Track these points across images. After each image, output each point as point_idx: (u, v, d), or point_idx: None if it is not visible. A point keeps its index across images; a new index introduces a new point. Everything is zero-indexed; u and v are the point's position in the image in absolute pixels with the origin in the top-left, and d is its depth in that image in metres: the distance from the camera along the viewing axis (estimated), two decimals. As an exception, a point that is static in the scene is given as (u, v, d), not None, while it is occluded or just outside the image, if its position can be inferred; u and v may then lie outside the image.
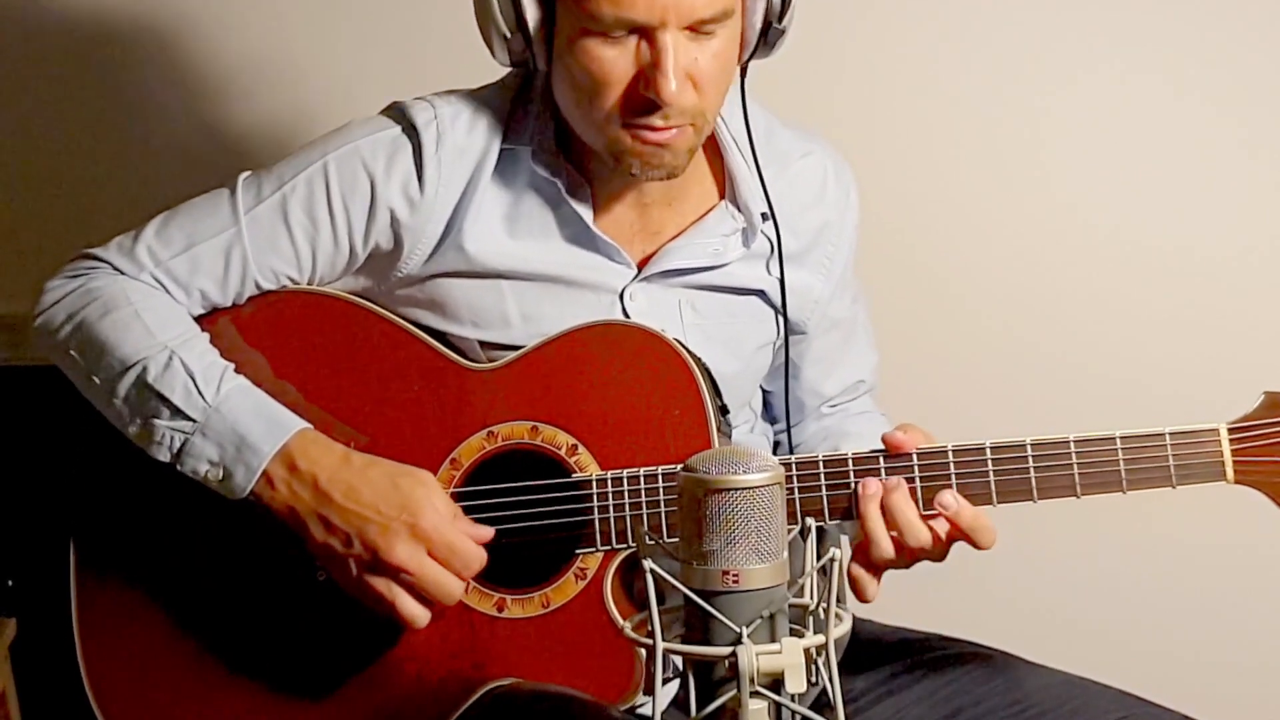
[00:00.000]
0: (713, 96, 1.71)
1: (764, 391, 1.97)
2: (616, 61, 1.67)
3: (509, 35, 1.71)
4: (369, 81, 2.35)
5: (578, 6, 1.66)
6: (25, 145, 2.44)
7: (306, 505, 1.70)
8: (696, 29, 1.67)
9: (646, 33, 1.66)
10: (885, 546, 1.69)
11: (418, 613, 1.70)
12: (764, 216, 1.83)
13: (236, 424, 1.71)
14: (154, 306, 1.77)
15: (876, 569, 1.71)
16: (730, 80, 1.75)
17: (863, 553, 1.70)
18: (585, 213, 1.79)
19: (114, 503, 1.81)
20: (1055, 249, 2.47)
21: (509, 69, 1.79)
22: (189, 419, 1.71)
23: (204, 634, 1.78)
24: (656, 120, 1.69)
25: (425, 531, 1.68)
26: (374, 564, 1.69)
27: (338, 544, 1.69)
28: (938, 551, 1.70)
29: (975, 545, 1.70)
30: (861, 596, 1.71)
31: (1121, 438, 1.68)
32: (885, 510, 1.69)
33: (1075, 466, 1.68)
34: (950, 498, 1.69)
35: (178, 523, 1.79)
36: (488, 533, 1.72)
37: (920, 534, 1.68)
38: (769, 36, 1.74)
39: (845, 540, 1.81)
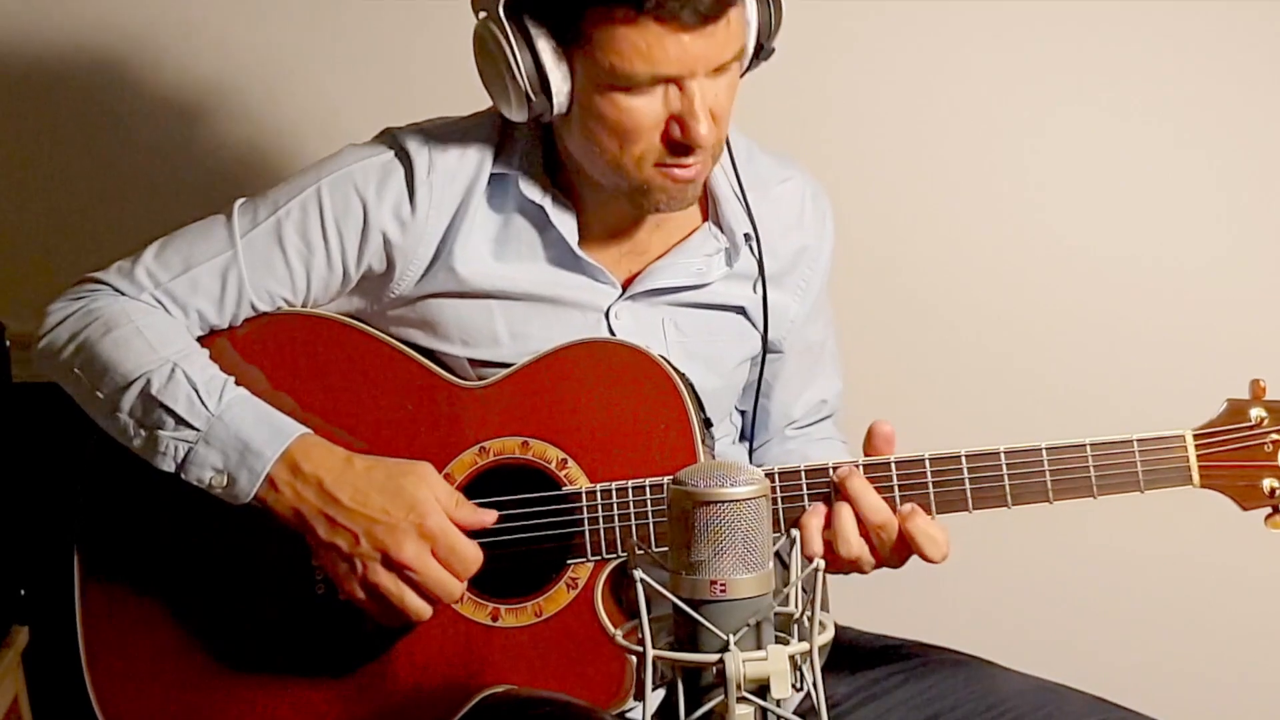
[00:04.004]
0: (726, 125, 1.75)
1: (740, 412, 2.00)
2: (646, 110, 1.69)
3: (533, 97, 1.71)
4: (361, 108, 2.37)
5: (607, 65, 1.66)
6: (34, 172, 2.45)
7: (312, 506, 1.72)
8: (718, 70, 1.69)
9: (674, 80, 1.68)
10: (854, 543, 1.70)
11: (423, 607, 1.72)
12: (746, 237, 1.86)
13: (239, 431, 1.73)
14: (154, 324, 1.80)
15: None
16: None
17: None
18: (570, 236, 1.82)
19: (119, 514, 1.84)
20: (1025, 263, 2.49)
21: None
22: (193, 428, 1.73)
23: (204, 644, 1.81)
24: (687, 159, 1.71)
25: (431, 531, 1.71)
26: (382, 561, 1.71)
27: (344, 543, 1.72)
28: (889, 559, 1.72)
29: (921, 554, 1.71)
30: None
31: (1091, 445, 1.71)
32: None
33: (1047, 473, 1.71)
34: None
35: (181, 535, 1.81)
36: (490, 516, 1.74)
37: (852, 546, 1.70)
38: (760, 54, 1.77)
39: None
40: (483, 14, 1.72)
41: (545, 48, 1.69)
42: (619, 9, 1.64)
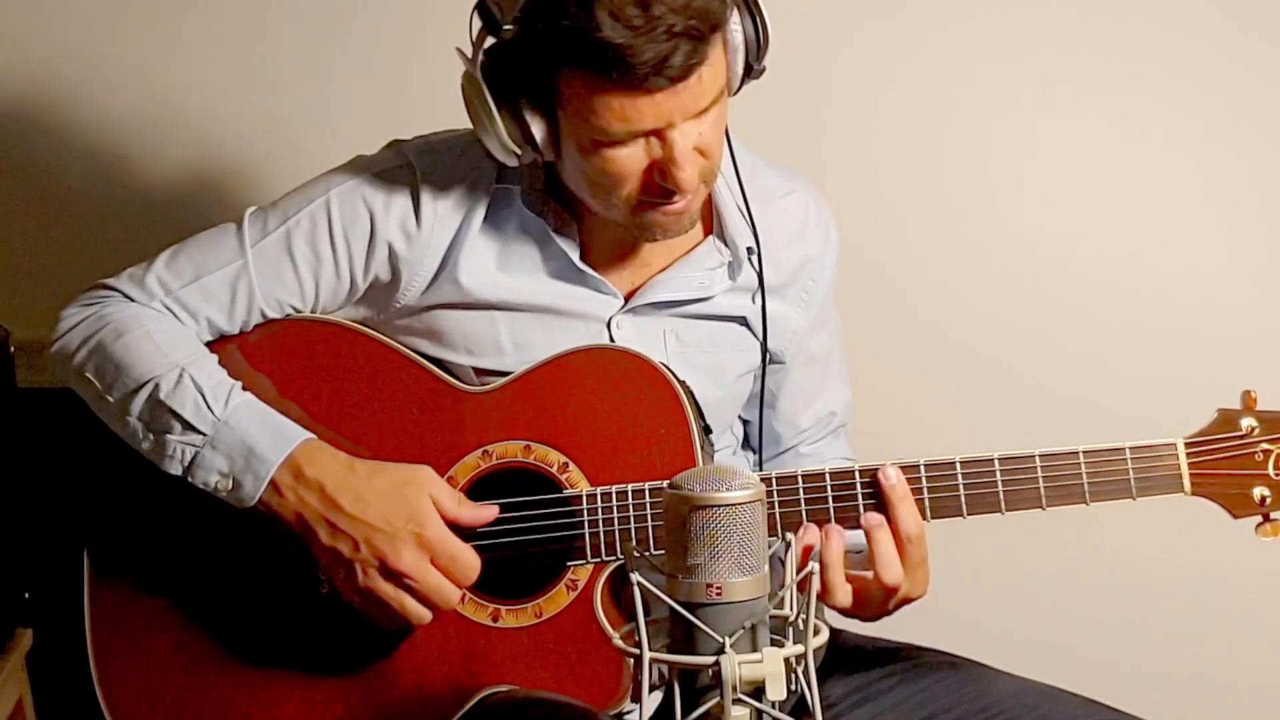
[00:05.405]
0: (717, 155, 1.75)
1: (743, 421, 2.01)
2: (630, 159, 1.70)
3: (519, 151, 1.73)
4: (366, 116, 2.40)
5: (586, 123, 1.67)
6: (39, 179, 2.47)
7: (314, 511, 1.74)
8: (699, 112, 1.70)
9: (655, 131, 1.68)
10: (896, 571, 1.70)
11: (422, 612, 1.75)
12: (749, 250, 1.87)
13: (245, 436, 1.75)
14: (165, 329, 1.82)
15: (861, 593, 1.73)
16: (725, 130, 1.78)
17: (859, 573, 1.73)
18: (571, 250, 1.83)
19: (126, 517, 1.86)
20: (1020, 271, 2.50)
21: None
22: (199, 433, 1.76)
23: (211, 644, 1.83)
24: (675, 198, 1.73)
25: (430, 541, 1.73)
26: (380, 569, 1.73)
27: (345, 549, 1.74)
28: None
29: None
30: (832, 601, 1.72)
31: (1084, 452, 1.73)
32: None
33: (1041, 480, 1.73)
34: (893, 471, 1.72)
35: (187, 536, 1.84)
36: (492, 510, 1.76)
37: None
38: (751, 74, 1.77)
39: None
40: (466, 69, 1.73)
41: (526, 104, 1.71)
42: (588, 76, 1.65)
